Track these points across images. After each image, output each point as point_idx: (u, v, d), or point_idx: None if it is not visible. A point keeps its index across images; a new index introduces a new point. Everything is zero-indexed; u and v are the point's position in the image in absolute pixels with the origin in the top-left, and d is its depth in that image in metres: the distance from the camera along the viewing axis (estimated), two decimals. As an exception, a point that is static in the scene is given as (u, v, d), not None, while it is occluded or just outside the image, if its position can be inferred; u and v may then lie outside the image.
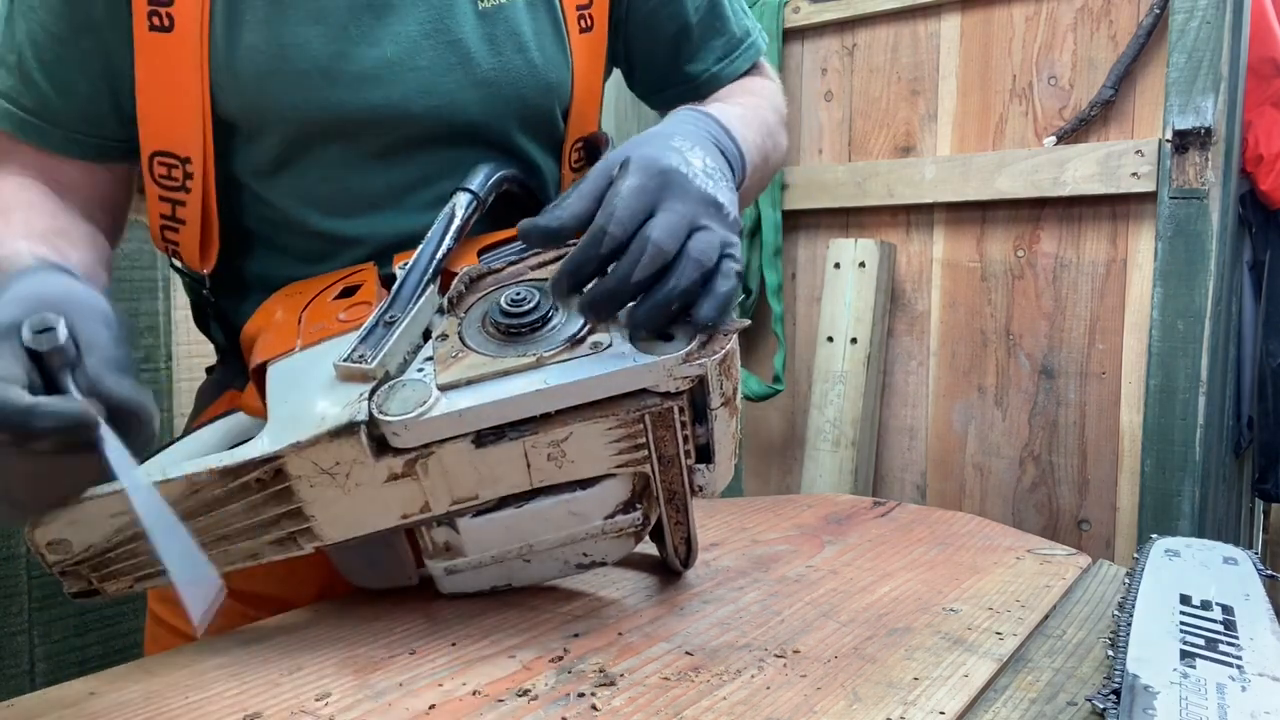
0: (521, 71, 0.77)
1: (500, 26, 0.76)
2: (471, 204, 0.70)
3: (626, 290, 0.55)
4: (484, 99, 0.76)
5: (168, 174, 0.74)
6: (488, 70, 0.76)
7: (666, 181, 0.57)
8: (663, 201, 0.57)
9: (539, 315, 0.59)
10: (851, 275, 1.76)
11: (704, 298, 0.56)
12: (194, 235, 0.76)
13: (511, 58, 0.77)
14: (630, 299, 0.56)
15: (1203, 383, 1.45)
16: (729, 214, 0.60)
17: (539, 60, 0.78)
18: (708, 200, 0.58)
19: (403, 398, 0.56)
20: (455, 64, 0.75)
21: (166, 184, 0.74)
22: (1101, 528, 1.60)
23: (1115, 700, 0.53)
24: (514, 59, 0.77)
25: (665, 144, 0.61)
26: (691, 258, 0.56)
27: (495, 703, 0.52)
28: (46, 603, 1.22)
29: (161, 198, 0.75)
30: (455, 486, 0.58)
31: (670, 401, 0.56)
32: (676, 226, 0.56)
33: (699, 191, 0.58)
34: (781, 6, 1.86)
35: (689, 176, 0.58)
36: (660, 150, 0.59)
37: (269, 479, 0.57)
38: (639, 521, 0.63)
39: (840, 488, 1.75)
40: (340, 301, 0.68)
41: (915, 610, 0.68)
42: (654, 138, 0.62)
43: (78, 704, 0.53)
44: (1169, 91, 1.46)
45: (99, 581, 0.59)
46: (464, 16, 0.75)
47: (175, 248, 0.77)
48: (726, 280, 0.57)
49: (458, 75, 0.75)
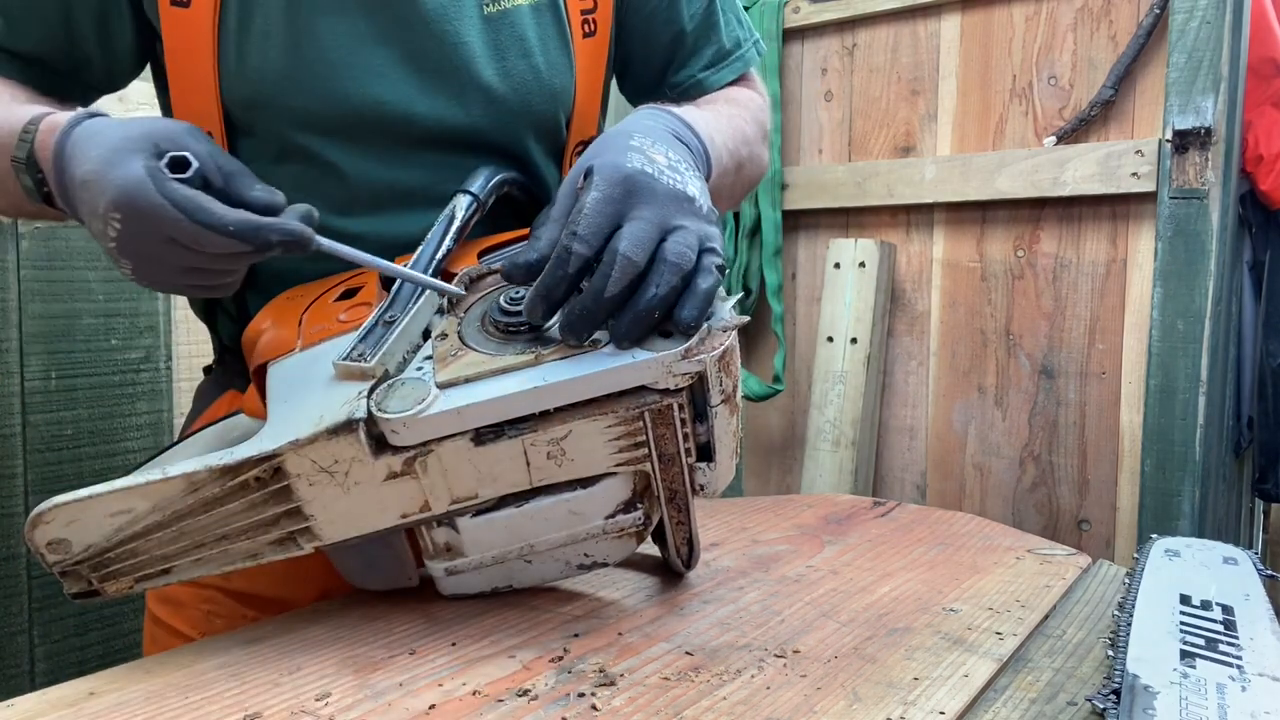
0: (526, 77, 0.77)
1: (505, 32, 0.76)
2: (472, 205, 0.70)
3: (602, 307, 0.54)
4: (487, 104, 0.76)
5: None
6: (491, 76, 0.76)
7: (631, 188, 0.56)
8: (630, 209, 0.56)
9: None
10: (851, 275, 1.76)
11: (685, 299, 0.55)
12: None
13: (516, 63, 0.77)
14: (608, 315, 0.55)
15: (1203, 383, 1.45)
16: (702, 206, 0.59)
17: (543, 66, 0.78)
18: (678, 197, 0.57)
19: (401, 395, 0.56)
20: (459, 67, 0.75)
21: None
22: (1101, 528, 1.60)
23: (1115, 700, 0.53)
24: (518, 64, 0.77)
25: (624, 145, 0.59)
26: (669, 262, 0.55)
27: (495, 703, 0.52)
28: (46, 603, 1.22)
29: None
30: (455, 485, 0.58)
31: (670, 398, 0.56)
32: (646, 234, 0.55)
33: (667, 190, 0.57)
34: (781, 6, 1.86)
35: (654, 176, 0.57)
36: (620, 154, 0.58)
37: (268, 477, 0.57)
38: (640, 521, 0.63)
39: (840, 488, 1.75)
40: (341, 303, 0.68)
41: (915, 610, 0.68)
42: (613, 139, 0.61)
43: (78, 704, 0.53)
44: (1169, 91, 1.46)
45: (99, 582, 0.59)
46: (470, 21, 0.75)
47: None
48: (708, 277, 0.56)
49: (461, 79, 0.75)
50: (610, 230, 0.56)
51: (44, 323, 1.21)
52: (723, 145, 0.74)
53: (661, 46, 0.87)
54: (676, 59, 0.88)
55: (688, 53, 0.88)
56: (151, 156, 0.57)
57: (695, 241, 0.56)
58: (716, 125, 0.74)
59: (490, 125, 0.77)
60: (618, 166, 0.57)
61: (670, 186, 0.57)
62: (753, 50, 0.92)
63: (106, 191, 0.56)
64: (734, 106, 0.85)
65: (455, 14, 0.75)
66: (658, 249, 0.55)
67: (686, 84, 0.88)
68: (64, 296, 1.23)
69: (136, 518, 0.57)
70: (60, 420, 1.22)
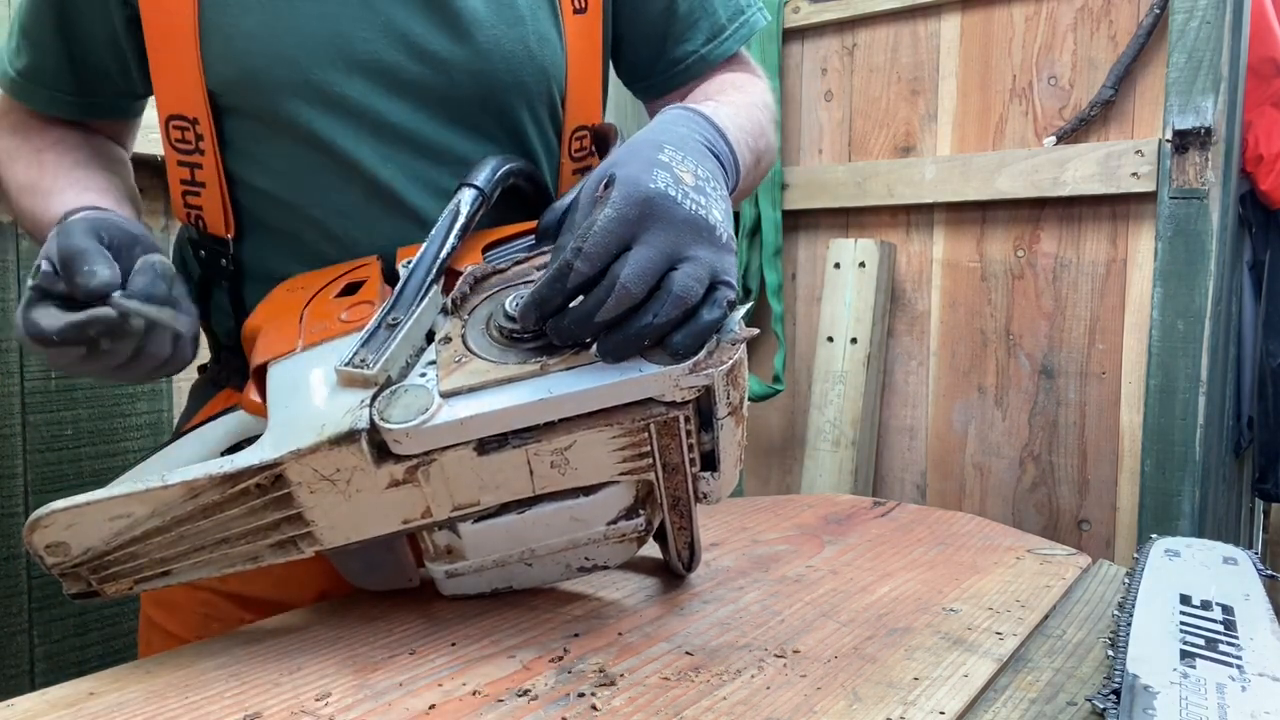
0: (515, 45, 0.76)
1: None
2: (477, 200, 0.68)
3: (589, 329, 0.54)
4: (478, 71, 0.75)
5: (182, 137, 0.75)
6: (482, 41, 0.75)
7: (649, 210, 0.54)
8: (643, 233, 0.53)
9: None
10: (851, 275, 1.76)
11: (680, 329, 0.54)
12: (215, 197, 0.76)
13: (506, 31, 0.76)
14: (595, 335, 0.54)
15: (1203, 383, 1.45)
16: (721, 235, 0.56)
17: (532, 35, 0.77)
18: (696, 225, 0.55)
19: (405, 404, 0.55)
20: (450, 31, 0.74)
21: (182, 148, 0.76)
22: (1101, 528, 1.60)
23: (1115, 700, 0.53)
24: (508, 32, 0.76)
25: (654, 157, 0.56)
26: (673, 294, 0.53)
27: (495, 703, 0.52)
28: (46, 603, 1.22)
29: (180, 163, 0.76)
30: (457, 493, 0.58)
31: (676, 411, 0.55)
32: (651, 265, 0.53)
33: (686, 217, 0.54)
34: (781, 6, 1.86)
35: (676, 200, 0.54)
36: (646, 169, 0.55)
37: (269, 485, 0.57)
38: (642, 527, 0.62)
39: (840, 488, 1.75)
40: (342, 300, 0.67)
41: (915, 610, 0.68)
42: (642, 148, 0.58)
43: (78, 704, 0.53)
44: (1169, 91, 1.46)
45: (99, 583, 0.59)
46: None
47: (198, 213, 0.78)
48: (714, 310, 0.54)
49: (451, 43, 0.74)
50: (618, 251, 0.54)
51: (44, 323, 1.20)
52: (745, 146, 0.73)
53: (654, 18, 0.85)
54: (671, 33, 0.85)
55: (682, 26, 0.85)
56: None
57: (706, 274, 0.54)
58: (738, 124, 0.72)
59: (478, 90, 0.76)
60: (639, 184, 0.54)
61: (691, 212, 0.55)
62: (758, 15, 0.89)
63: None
64: (744, 95, 0.82)
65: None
66: (664, 279, 0.53)
67: (689, 60, 0.85)
68: (64, 297, 1.22)
69: (136, 522, 0.57)
70: (60, 420, 1.22)
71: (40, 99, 0.81)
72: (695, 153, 0.60)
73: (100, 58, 0.79)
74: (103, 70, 0.80)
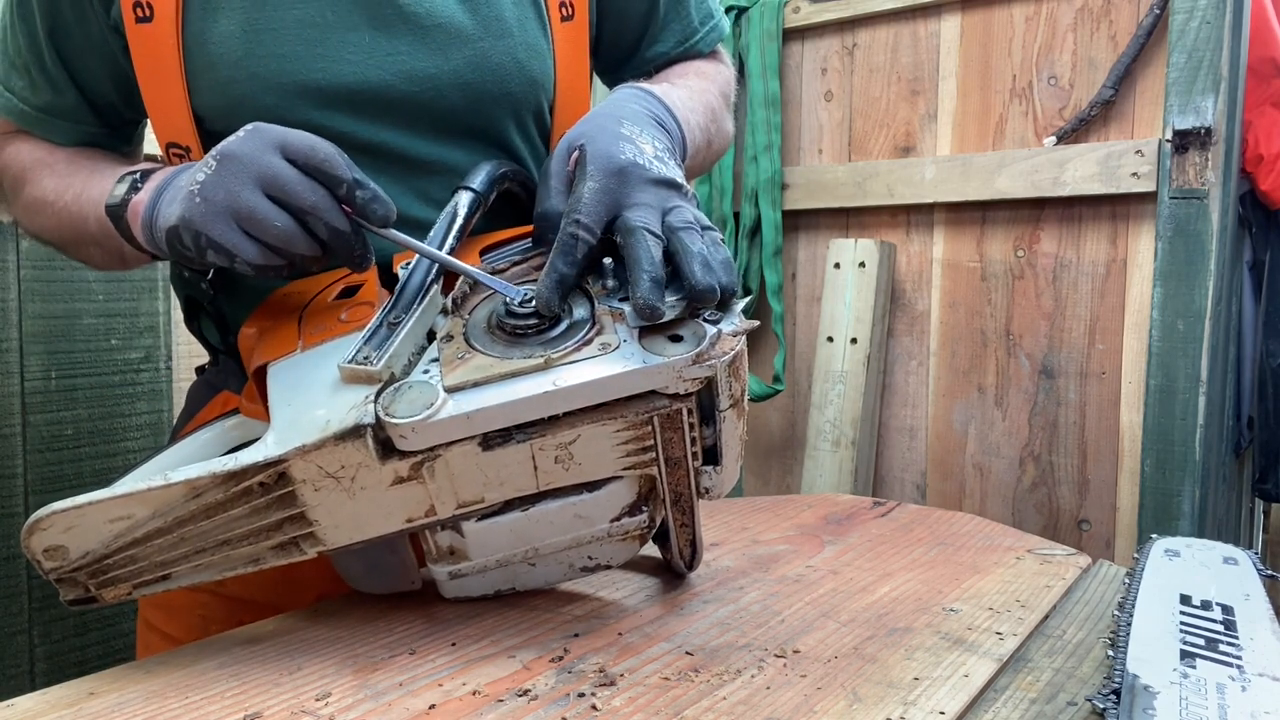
0: (504, 57, 0.76)
1: (483, 10, 0.76)
2: (474, 202, 0.69)
3: (661, 276, 0.56)
4: (466, 85, 0.75)
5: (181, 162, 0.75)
6: (470, 54, 0.75)
7: (625, 178, 0.60)
8: (627, 198, 0.60)
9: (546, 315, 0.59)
10: (851, 275, 1.76)
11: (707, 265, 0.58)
12: None
13: (494, 44, 0.76)
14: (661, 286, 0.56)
15: (1203, 383, 1.45)
16: (687, 192, 0.63)
17: (521, 46, 0.77)
18: (669, 184, 0.61)
19: (410, 400, 0.55)
20: (435, 50, 0.74)
21: None
22: (1101, 528, 1.60)
23: (1115, 700, 0.53)
24: (496, 45, 0.76)
25: (617, 130, 0.63)
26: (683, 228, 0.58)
27: (495, 703, 0.52)
28: (46, 603, 1.22)
29: None
30: (461, 490, 0.58)
31: (679, 403, 0.56)
32: (652, 214, 0.59)
33: (659, 178, 0.61)
34: (781, 6, 1.86)
35: (645, 166, 0.61)
36: (613, 143, 0.62)
37: (272, 483, 0.56)
38: (645, 524, 0.63)
39: (840, 488, 1.75)
40: (341, 302, 0.67)
41: (915, 610, 0.68)
42: (603, 122, 0.64)
43: (78, 704, 0.53)
44: (1169, 91, 1.46)
45: (97, 588, 0.59)
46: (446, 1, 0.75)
47: None
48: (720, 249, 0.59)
49: (438, 60, 0.74)
50: (609, 217, 0.60)
51: (44, 323, 1.21)
52: (696, 125, 0.77)
53: (635, 20, 0.88)
54: (648, 35, 0.90)
55: (658, 28, 0.89)
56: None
57: (693, 218, 0.60)
58: (690, 104, 0.78)
59: (467, 104, 0.76)
60: (611, 157, 0.61)
61: (660, 175, 0.61)
62: (722, 22, 0.94)
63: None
64: (704, 80, 0.87)
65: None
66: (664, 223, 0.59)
67: (659, 60, 0.90)
68: (64, 296, 1.23)
69: (136, 524, 0.56)
70: (60, 420, 1.22)
71: (61, 131, 0.81)
72: (649, 127, 0.67)
73: (105, 90, 0.79)
74: (109, 102, 0.80)
